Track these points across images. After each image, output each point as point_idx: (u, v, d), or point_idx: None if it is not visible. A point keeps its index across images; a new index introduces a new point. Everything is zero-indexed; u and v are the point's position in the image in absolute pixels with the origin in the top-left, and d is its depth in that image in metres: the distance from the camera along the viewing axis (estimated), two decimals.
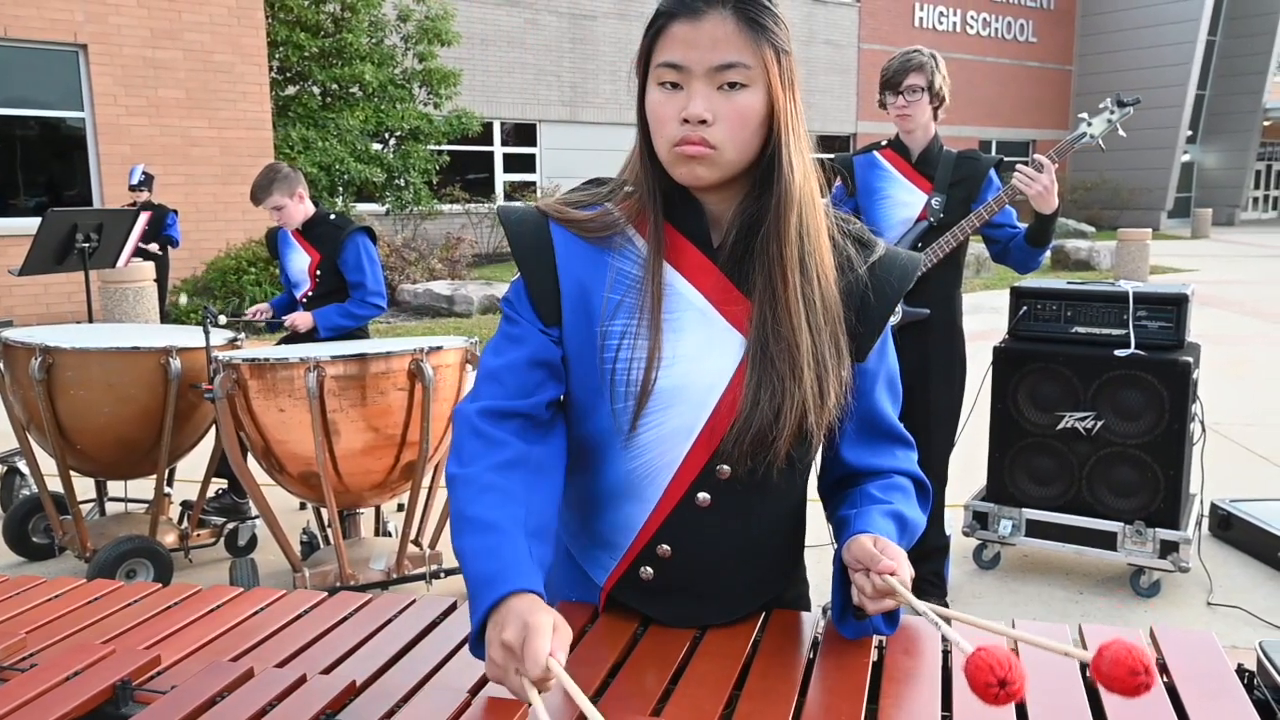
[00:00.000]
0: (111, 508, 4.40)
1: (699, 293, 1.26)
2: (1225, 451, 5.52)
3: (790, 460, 1.26)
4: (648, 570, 1.33)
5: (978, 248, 3.48)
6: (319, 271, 4.35)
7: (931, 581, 3.47)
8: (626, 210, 1.29)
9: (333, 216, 4.41)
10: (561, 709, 1.11)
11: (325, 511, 3.64)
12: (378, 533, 4.16)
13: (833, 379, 1.23)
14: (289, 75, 13.88)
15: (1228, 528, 4.22)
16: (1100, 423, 3.67)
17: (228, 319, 3.97)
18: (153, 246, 8.77)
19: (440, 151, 15.12)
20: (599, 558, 1.36)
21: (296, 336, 4.35)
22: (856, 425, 1.33)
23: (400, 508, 4.48)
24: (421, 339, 3.55)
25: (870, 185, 3.42)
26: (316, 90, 13.98)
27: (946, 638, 1.05)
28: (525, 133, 19.58)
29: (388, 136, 14.43)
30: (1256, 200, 34.76)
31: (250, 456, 3.50)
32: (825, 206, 1.29)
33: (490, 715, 1.09)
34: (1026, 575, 3.95)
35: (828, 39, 23.86)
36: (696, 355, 1.24)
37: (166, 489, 4.05)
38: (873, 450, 1.35)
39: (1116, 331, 3.68)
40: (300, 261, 4.39)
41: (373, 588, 3.44)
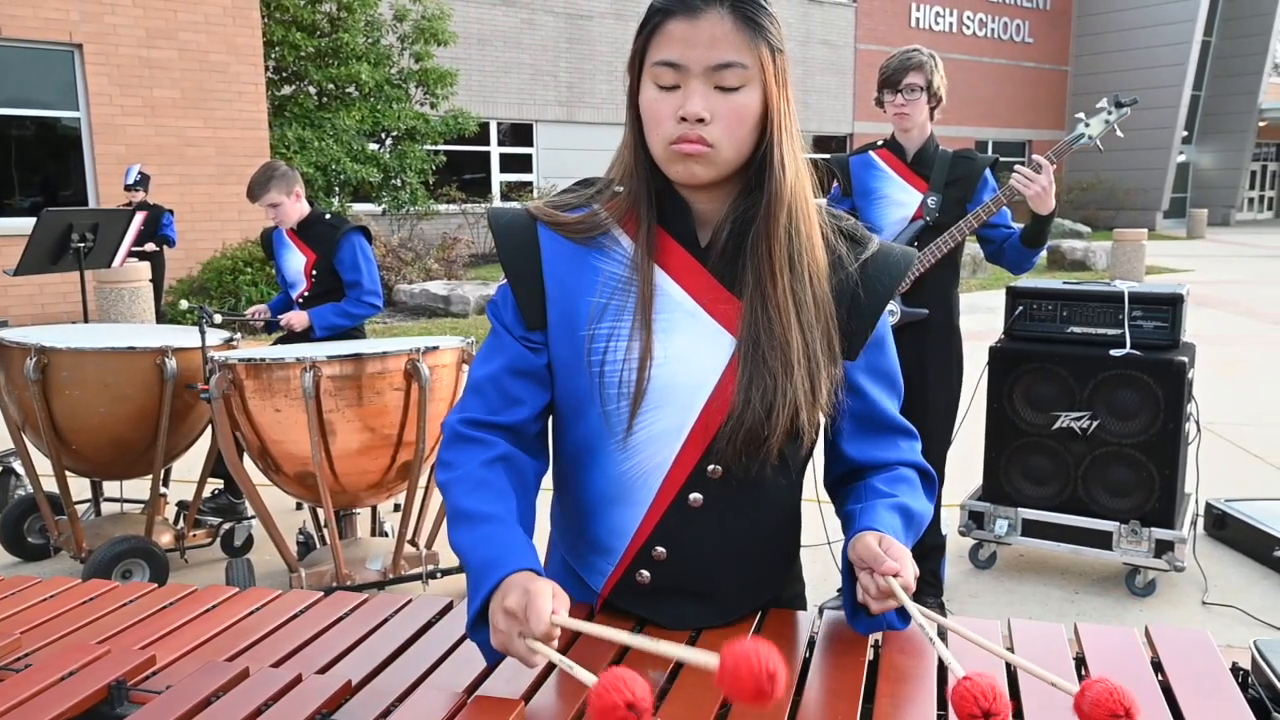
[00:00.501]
0: (107, 508, 4.40)
1: (686, 293, 1.26)
2: (1220, 451, 5.53)
3: (783, 459, 1.26)
4: (644, 574, 1.32)
5: (974, 248, 3.48)
6: (315, 271, 4.35)
7: (928, 581, 3.47)
8: (613, 210, 1.28)
9: (328, 216, 4.41)
10: (557, 712, 1.11)
11: (321, 512, 3.64)
12: (374, 533, 4.16)
13: (824, 377, 1.23)
14: (285, 75, 13.87)
15: (1223, 527, 4.23)
16: (1096, 422, 3.68)
17: (224, 318, 3.97)
18: (149, 247, 8.76)
19: (437, 151, 15.12)
20: (595, 564, 1.36)
21: (293, 336, 4.35)
22: (856, 422, 1.33)
23: (396, 508, 4.47)
24: (418, 339, 3.55)
25: (866, 186, 3.42)
26: (312, 90, 13.97)
27: (941, 656, 1.06)
28: (522, 133, 19.58)
29: (384, 136, 14.43)
30: (1252, 201, 34.82)
31: (246, 457, 3.50)
32: (816, 204, 1.29)
33: (486, 715, 1.09)
34: (1022, 575, 3.95)
35: (824, 39, 23.87)
36: (685, 355, 1.24)
37: (162, 489, 4.04)
38: (874, 444, 1.34)
39: (1112, 331, 3.69)
40: (296, 261, 4.39)
41: (369, 588, 3.44)
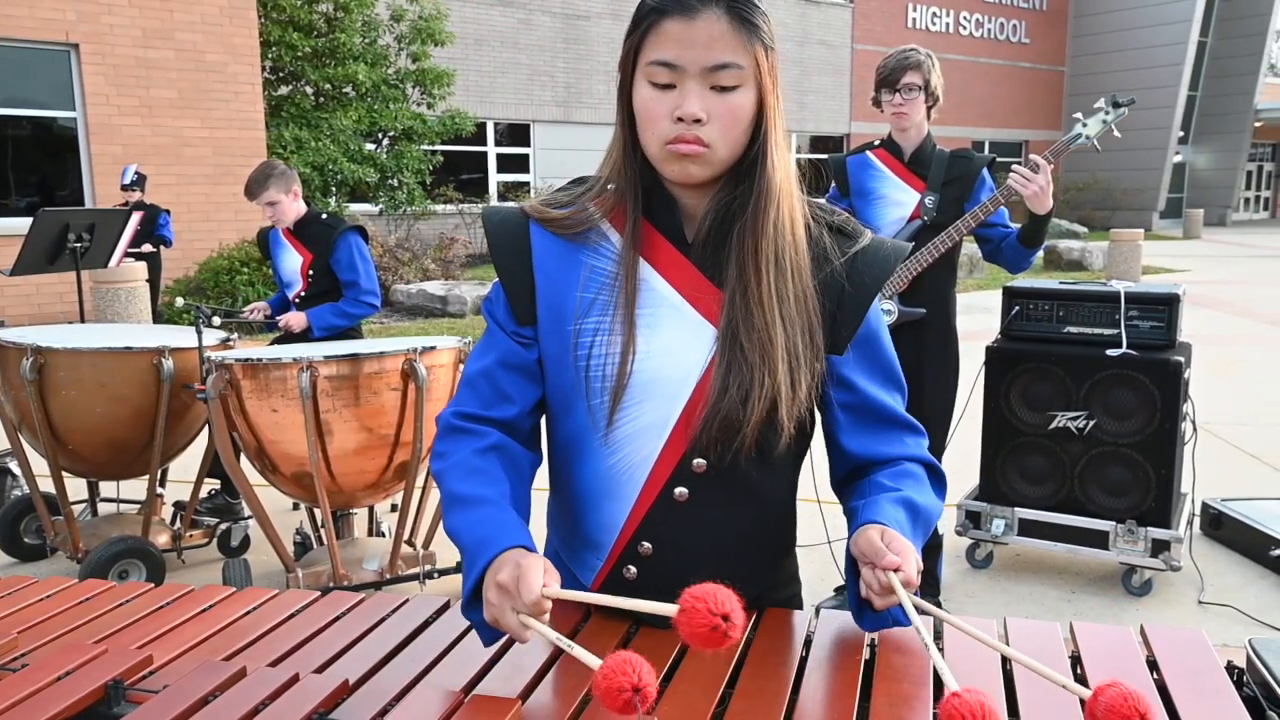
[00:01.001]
0: (104, 508, 4.39)
1: (672, 288, 1.27)
2: (1216, 451, 5.54)
3: (763, 451, 1.26)
4: (631, 569, 1.33)
5: (971, 248, 3.48)
6: (311, 271, 4.34)
7: (925, 580, 3.47)
8: (602, 205, 1.30)
9: (324, 216, 4.40)
10: (554, 711, 1.11)
11: (318, 512, 3.63)
12: (371, 533, 4.16)
13: (805, 371, 1.23)
14: (282, 75, 13.85)
15: (1219, 527, 4.24)
16: (1092, 422, 3.68)
17: (221, 319, 3.96)
18: (145, 247, 8.75)
19: (434, 152, 15.10)
20: (586, 559, 1.37)
21: (291, 336, 4.35)
22: (852, 415, 1.32)
23: (394, 508, 4.47)
24: (415, 339, 3.55)
25: (864, 186, 3.43)
26: (309, 90, 13.95)
27: (936, 667, 1.05)
28: (519, 133, 19.57)
29: (381, 137, 14.41)
30: (1248, 201, 34.87)
31: (243, 457, 3.50)
32: (803, 199, 1.30)
33: (483, 713, 1.09)
34: (1019, 574, 3.96)
35: (821, 39, 23.88)
36: (669, 349, 1.25)
37: (159, 489, 4.04)
38: (877, 438, 1.33)
39: (1108, 331, 3.69)
40: (292, 262, 4.39)
41: (366, 588, 3.44)
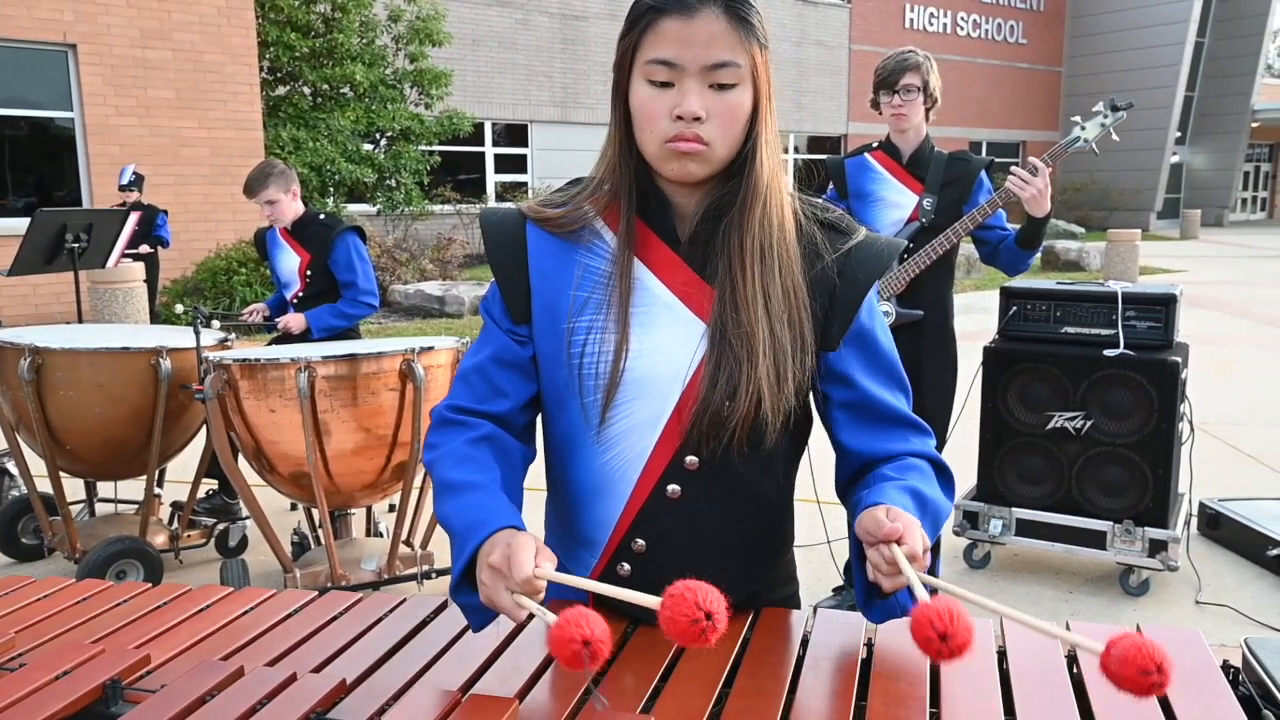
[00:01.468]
0: (101, 509, 4.39)
1: (665, 287, 1.27)
2: (1214, 451, 5.55)
3: (754, 447, 1.26)
4: (625, 566, 1.34)
5: (968, 248, 3.49)
6: (309, 272, 4.34)
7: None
8: (597, 205, 1.30)
9: (322, 216, 4.40)
10: (552, 711, 1.11)
11: (316, 512, 3.63)
12: (369, 533, 4.16)
13: (792, 367, 1.24)
14: (279, 75, 13.85)
15: (1216, 527, 4.24)
16: (1090, 422, 3.69)
17: (219, 320, 3.96)
18: (143, 248, 8.75)
19: (431, 152, 15.09)
20: (581, 556, 1.38)
21: (289, 337, 4.34)
22: (851, 413, 1.32)
23: (391, 508, 4.47)
24: (413, 339, 3.55)
25: (862, 188, 3.43)
26: (307, 90, 13.94)
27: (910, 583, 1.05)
28: (516, 133, 19.57)
29: (379, 137, 14.41)
30: (1245, 201, 34.92)
31: (241, 457, 3.50)
32: (793, 195, 1.31)
33: (480, 713, 1.09)
34: (1017, 574, 3.96)
35: (819, 40, 23.90)
36: (661, 347, 1.26)
37: (157, 490, 4.04)
38: (880, 436, 1.31)
39: (1106, 331, 3.70)
40: (290, 262, 4.38)
41: (364, 588, 3.44)
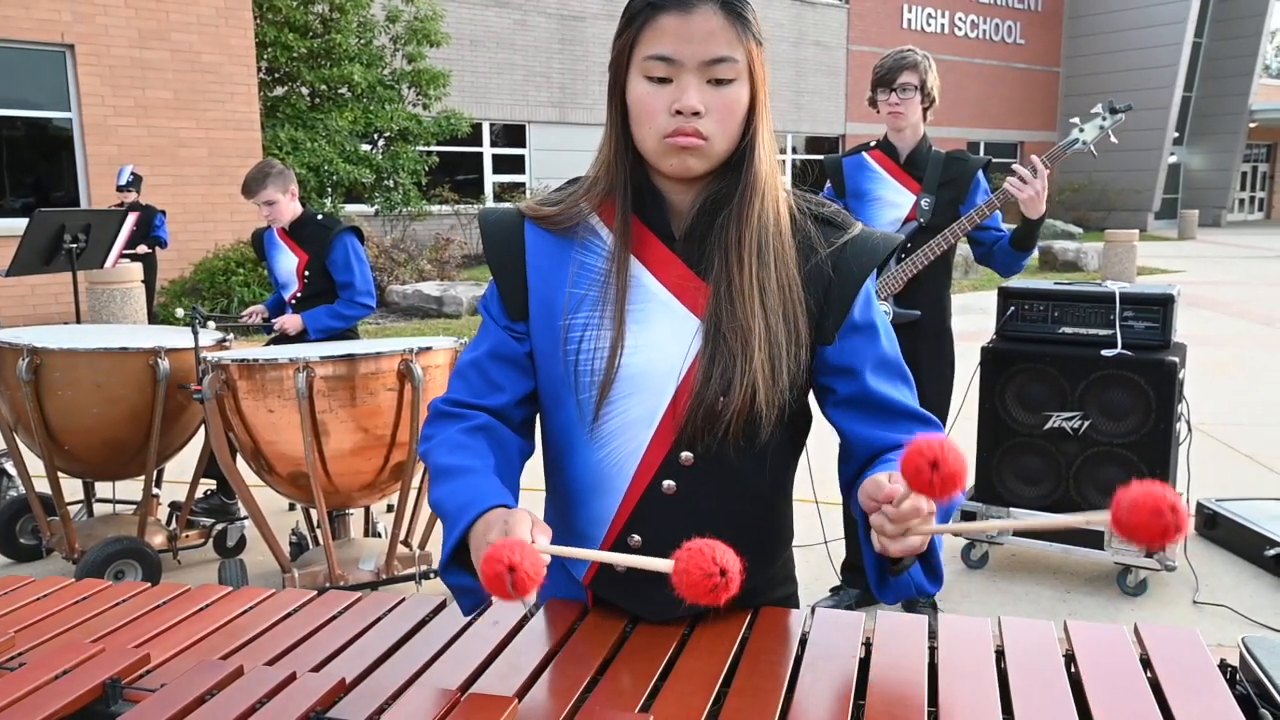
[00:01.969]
0: (99, 509, 4.39)
1: (661, 285, 1.28)
2: (1211, 451, 5.56)
3: (749, 442, 1.27)
4: None
5: (966, 249, 3.49)
6: (307, 272, 4.34)
7: None
8: (592, 202, 1.31)
9: (320, 217, 4.40)
10: (551, 710, 1.11)
11: (314, 512, 3.63)
12: (367, 533, 4.16)
13: (787, 360, 1.24)
14: (277, 76, 13.84)
15: (1214, 527, 4.25)
16: (1087, 422, 3.69)
17: (217, 321, 3.96)
18: (141, 249, 8.74)
19: (429, 152, 15.09)
20: None
21: (287, 338, 4.34)
22: (856, 409, 1.31)
23: (390, 508, 4.47)
24: (411, 339, 3.55)
25: (860, 187, 3.44)
26: (305, 91, 13.94)
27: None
28: (514, 134, 19.57)
29: (377, 137, 14.40)
30: (1242, 202, 34.95)
31: (239, 457, 3.50)
32: (788, 190, 1.32)
33: (479, 712, 1.09)
34: (1014, 574, 3.96)
35: (817, 40, 23.91)
36: (656, 343, 1.27)
37: (155, 490, 4.04)
38: (885, 428, 1.30)
39: (1103, 332, 3.70)
40: (288, 263, 4.38)
41: (362, 588, 3.44)
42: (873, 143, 3.48)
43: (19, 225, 5.88)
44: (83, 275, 5.85)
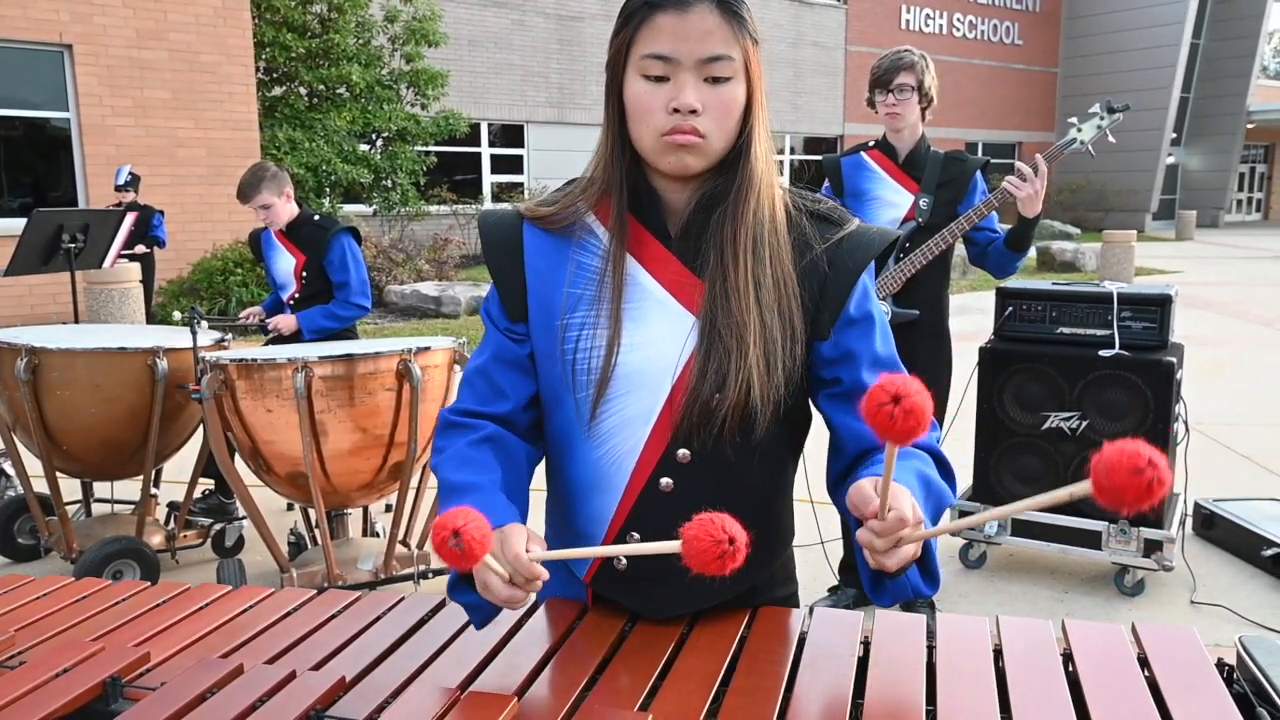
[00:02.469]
0: (97, 509, 4.38)
1: (657, 282, 1.29)
2: (1208, 451, 5.56)
3: (744, 436, 1.27)
4: (621, 560, 1.35)
5: (964, 249, 3.50)
6: (305, 273, 4.33)
7: None
8: (588, 201, 1.32)
9: (317, 218, 4.39)
10: (550, 708, 1.12)
11: (313, 512, 3.63)
12: (365, 533, 4.16)
13: (782, 355, 1.24)
14: (275, 76, 13.84)
15: (1211, 527, 4.25)
16: (1085, 422, 3.70)
17: (212, 322, 3.95)
18: (139, 249, 8.73)
19: (427, 152, 15.09)
20: None
21: (283, 338, 4.34)
22: (848, 400, 1.30)
23: (388, 508, 4.48)
24: (409, 339, 3.55)
25: (858, 187, 3.44)
26: (303, 91, 13.93)
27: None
28: (513, 134, 19.57)
29: (375, 137, 14.40)
30: (1240, 202, 34.99)
31: (238, 457, 3.50)
32: (784, 187, 1.32)
33: (479, 711, 1.09)
34: (1012, 574, 3.97)
35: (815, 41, 23.91)
36: (652, 341, 1.27)
37: (153, 490, 4.04)
38: None
39: (1101, 332, 3.71)
40: (286, 264, 4.38)
41: (361, 588, 3.43)
42: (871, 143, 3.49)
43: (17, 225, 5.88)
44: (81, 275, 5.84)
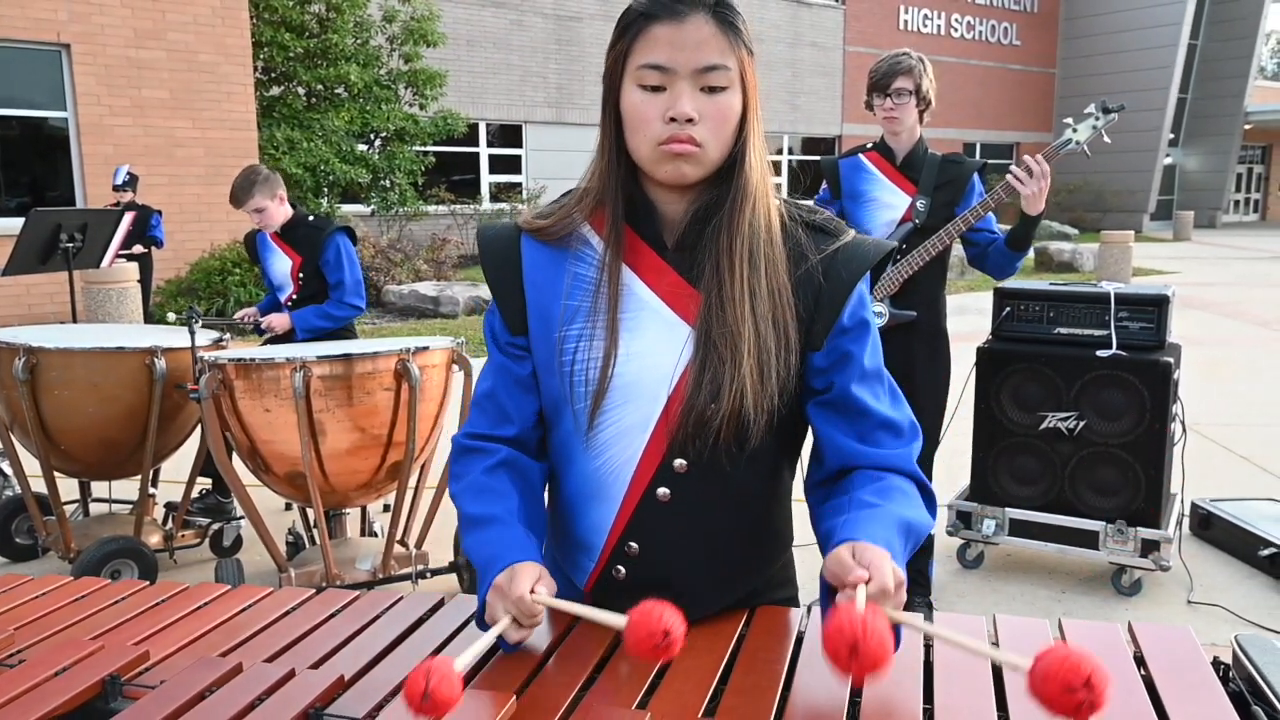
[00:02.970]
0: (95, 508, 4.39)
1: (653, 293, 1.29)
2: (1206, 451, 5.57)
3: (741, 447, 1.27)
4: (620, 570, 1.36)
5: (962, 250, 3.50)
6: (302, 275, 4.32)
7: (916, 580, 3.49)
8: (584, 211, 1.33)
9: (311, 218, 4.38)
10: (549, 707, 1.12)
11: (311, 512, 3.63)
12: (364, 533, 4.16)
13: (776, 365, 1.25)
14: (274, 76, 13.83)
15: (1208, 527, 4.26)
16: (1082, 423, 3.70)
17: (209, 321, 3.95)
18: (137, 248, 8.73)
19: (426, 152, 15.08)
20: (578, 561, 1.40)
21: (279, 338, 4.34)
22: (834, 409, 1.30)
23: (386, 508, 4.48)
24: (408, 339, 3.55)
25: (855, 188, 3.44)
26: (301, 91, 13.93)
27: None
28: (511, 134, 19.57)
29: (373, 137, 14.39)
30: (1237, 203, 35.03)
31: (236, 457, 3.50)
32: (780, 198, 1.33)
33: (478, 709, 1.10)
34: (1010, 574, 3.97)
35: (813, 41, 23.91)
36: (648, 352, 1.27)
37: (151, 489, 4.04)
38: (858, 435, 1.29)
39: (1098, 332, 3.71)
40: (282, 265, 4.37)
41: (359, 588, 3.43)
42: (869, 144, 3.49)
43: (15, 225, 5.87)
44: (79, 275, 5.83)
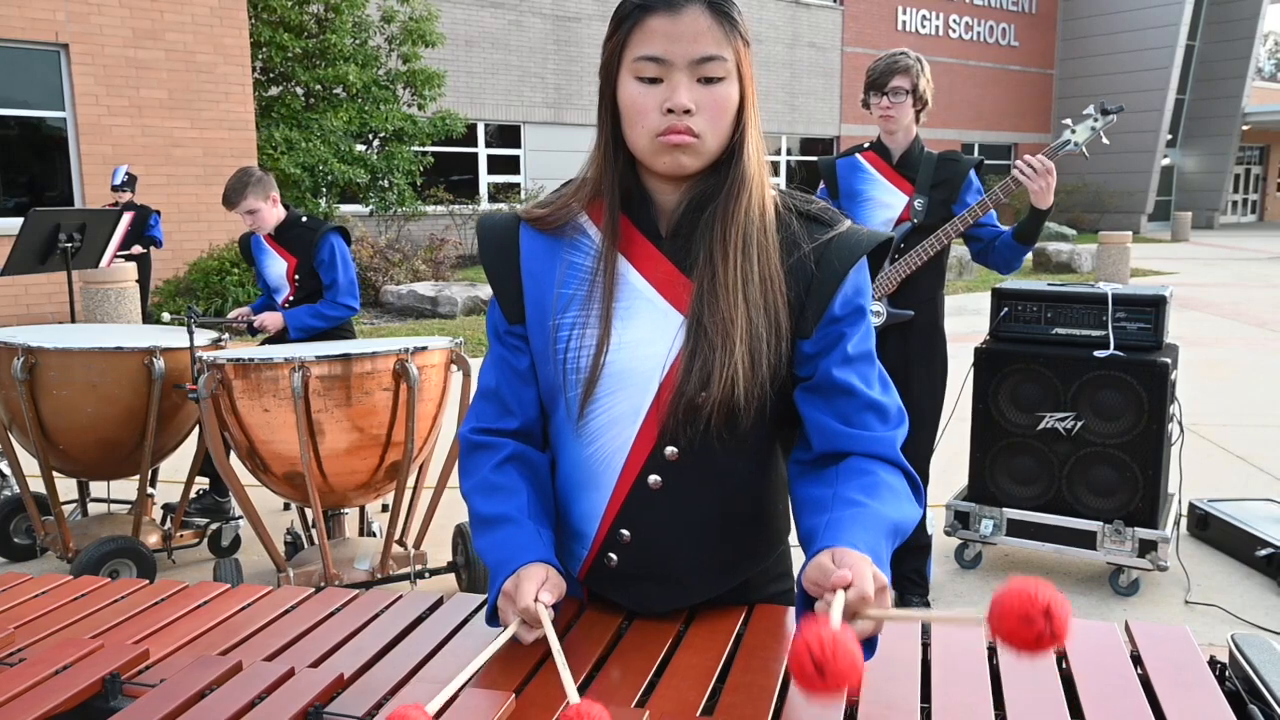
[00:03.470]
0: (94, 508, 4.38)
1: (647, 282, 1.30)
2: (1203, 452, 5.57)
3: (732, 434, 1.27)
4: (612, 557, 1.37)
5: (960, 250, 3.51)
6: (297, 276, 4.31)
7: (913, 580, 3.50)
8: (581, 201, 1.34)
9: (305, 219, 4.37)
10: (548, 706, 1.12)
11: (309, 512, 3.64)
12: (362, 533, 4.16)
13: (767, 353, 1.25)
14: (272, 76, 13.83)
15: (1205, 527, 4.27)
16: (1080, 423, 3.71)
17: (203, 321, 3.95)
18: (135, 248, 8.73)
19: (424, 153, 15.08)
20: (572, 549, 1.41)
21: (275, 338, 4.34)
22: (820, 392, 1.29)
23: (385, 508, 4.48)
24: (406, 339, 3.55)
25: (853, 188, 3.45)
26: (300, 91, 13.93)
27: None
28: (509, 134, 19.57)
29: (371, 138, 14.40)
30: (1235, 204, 35.05)
31: (234, 457, 3.50)
32: (775, 187, 1.34)
33: (477, 708, 1.10)
34: (1008, 574, 3.97)
35: (811, 42, 23.93)
36: (640, 340, 1.28)
37: (150, 489, 4.04)
38: (844, 417, 1.28)
39: (1096, 333, 3.72)
40: (277, 267, 4.36)
41: (357, 588, 3.44)
42: (866, 144, 3.50)
43: (14, 225, 5.87)
44: (77, 275, 5.84)
